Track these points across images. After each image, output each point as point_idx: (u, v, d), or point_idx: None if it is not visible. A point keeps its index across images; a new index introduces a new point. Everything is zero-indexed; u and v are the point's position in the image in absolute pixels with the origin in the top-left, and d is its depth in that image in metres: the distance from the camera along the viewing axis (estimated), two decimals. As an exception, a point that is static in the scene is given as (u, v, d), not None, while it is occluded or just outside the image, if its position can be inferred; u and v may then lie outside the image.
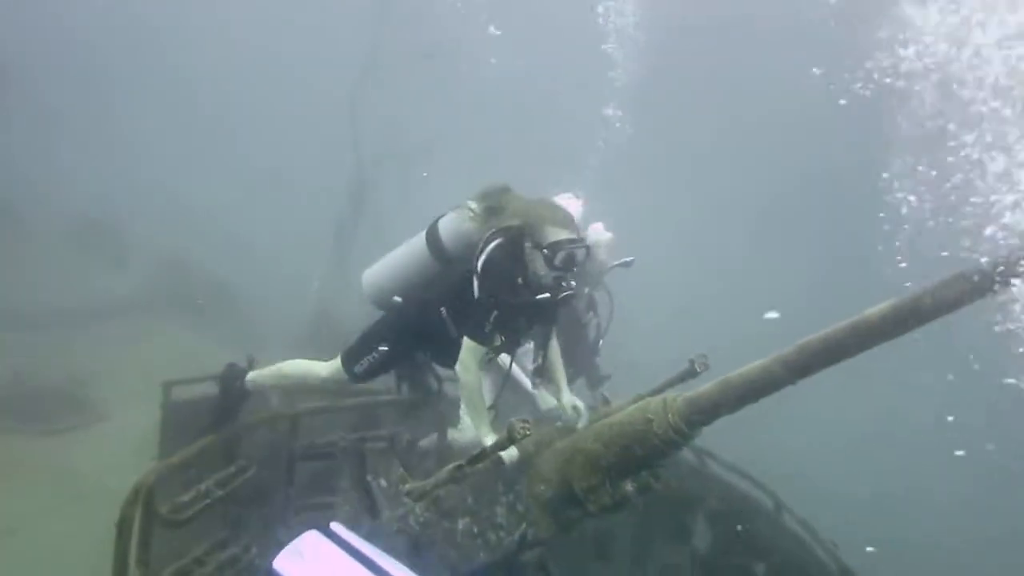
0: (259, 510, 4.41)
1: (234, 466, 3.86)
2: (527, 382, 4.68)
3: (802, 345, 2.37)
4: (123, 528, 3.07)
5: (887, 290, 2.34)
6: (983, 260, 2.12)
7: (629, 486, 2.80)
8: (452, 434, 4.73)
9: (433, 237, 3.95)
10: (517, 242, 3.64)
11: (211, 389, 5.45)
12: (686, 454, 4.96)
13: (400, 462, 3.50)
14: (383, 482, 3.50)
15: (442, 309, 3.88)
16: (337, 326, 13.21)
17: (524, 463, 3.04)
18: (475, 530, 3.10)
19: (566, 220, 3.64)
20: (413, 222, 4.37)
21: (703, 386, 2.62)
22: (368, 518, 3.49)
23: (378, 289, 4.19)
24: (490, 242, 3.63)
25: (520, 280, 3.62)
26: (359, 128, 14.86)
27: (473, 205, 3.84)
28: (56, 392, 9.61)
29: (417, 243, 4.03)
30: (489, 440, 3.17)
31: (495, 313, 3.56)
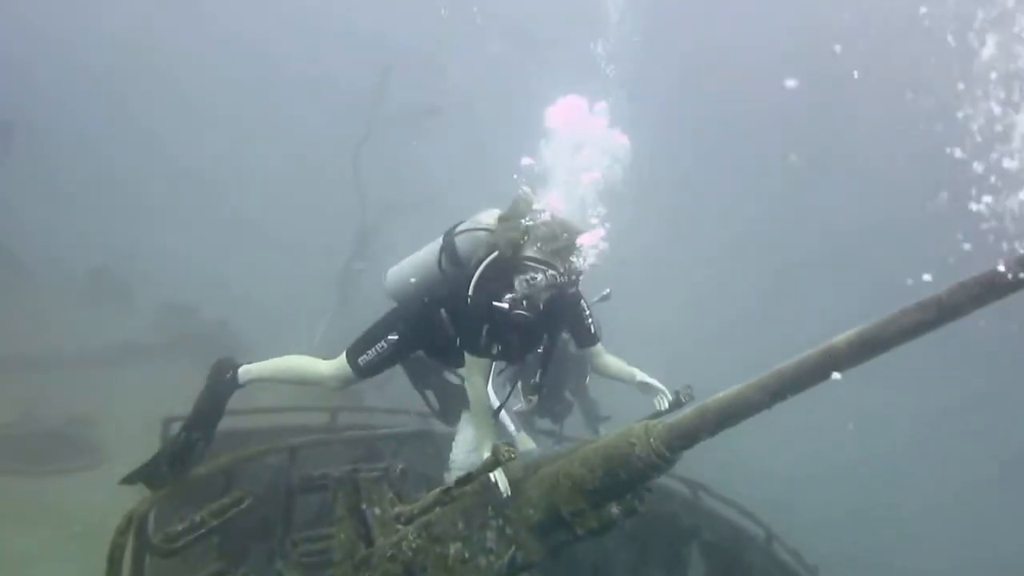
0: (256, 541, 4.44)
1: (229, 497, 3.91)
2: (511, 425, 4.79)
3: (776, 371, 2.48)
4: (113, 557, 3.11)
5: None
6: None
7: (615, 509, 2.87)
8: (446, 476, 4.73)
9: (448, 241, 4.10)
10: (501, 261, 3.78)
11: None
12: (680, 487, 5.00)
13: (393, 490, 3.55)
14: (377, 510, 3.55)
15: (441, 310, 4.02)
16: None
17: (513, 488, 3.09)
18: (466, 555, 3.14)
19: (549, 239, 3.76)
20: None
21: (683, 412, 2.72)
22: (362, 546, 3.54)
23: (397, 285, 4.33)
24: (483, 259, 3.79)
25: (498, 299, 3.72)
26: (364, 180, 15.15)
27: (485, 216, 4.03)
28: (61, 434, 9.66)
29: (435, 245, 4.18)
30: (484, 451, 3.24)
31: (486, 326, 3.70)
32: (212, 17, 32.52)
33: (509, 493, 3.04)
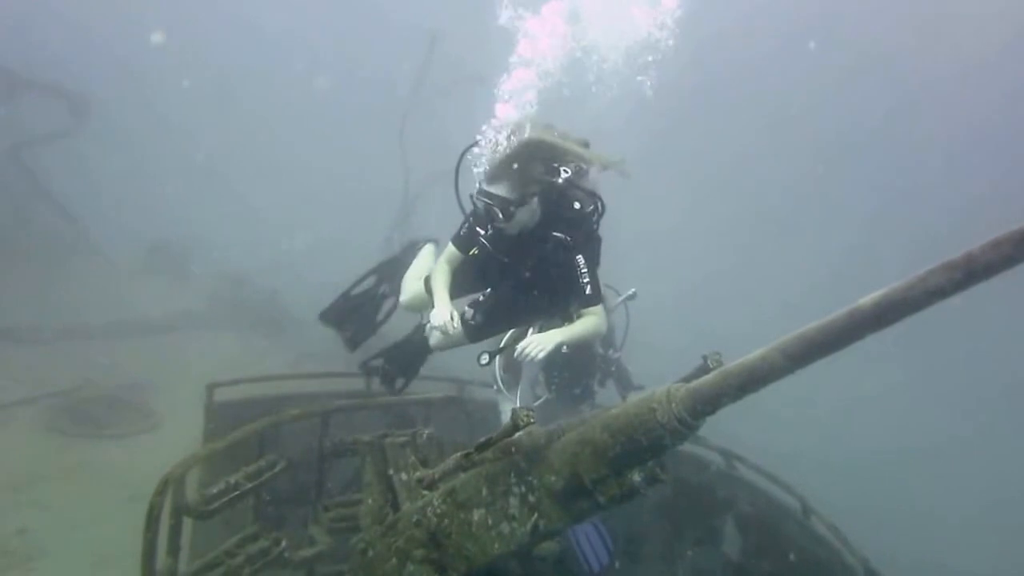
0: (291, 505, 4.50)
1: (264, 460, 3.96)
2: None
3: (801, 334, 2.34)
4: (151, 517, 3.17)
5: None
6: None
7: (637, 477, 2.78)
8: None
9: None
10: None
11: (253, 391, 5.64)
12: (715, 457, 4.89)
13: (419, 456, 3.53)
14: (403, 476, 3.54)
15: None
16: (380, 340, 13.51)
17: (536, 454, 3.04)
18: (489, 521, 3.11)
19: (510, 173, 3.93)
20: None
21: (706, 376, 2.61)
22: (390, 511, 3.54)
23: None
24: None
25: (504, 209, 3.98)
26: (408, 148, 15.13)
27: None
28: (118, 399, 10.00)
29: None
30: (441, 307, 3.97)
31: (468, 222, 4.22)
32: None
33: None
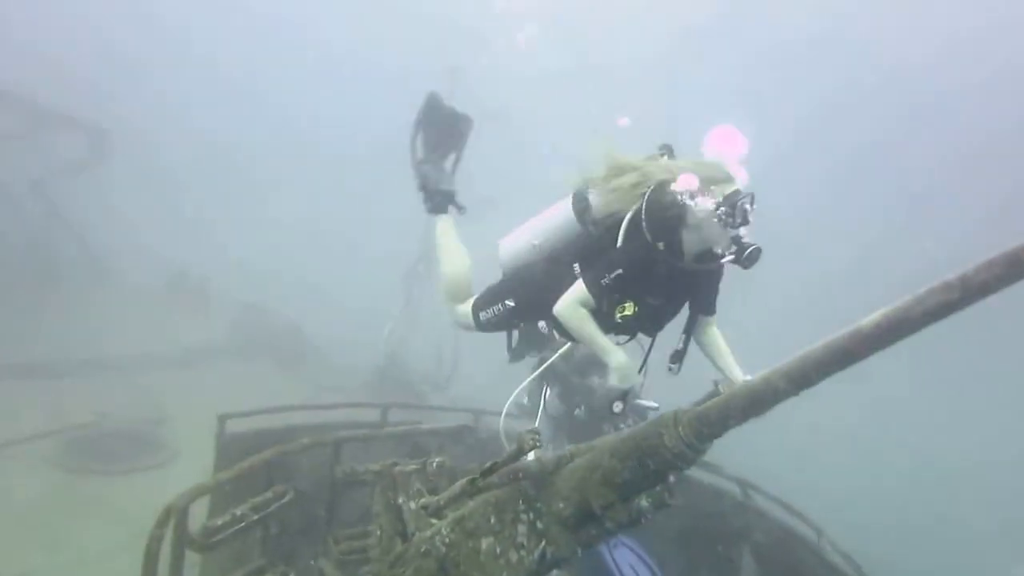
0: (302, 537, 4.49)
1: (271, 491, 3.96)
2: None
3: (803, 356, 2.36)
4: (151, 550, 3.17)
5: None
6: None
7: (644, 502, 2.77)
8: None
9: (580, 197, 3.86)
10: (674, 203, 3.46)
11: (266, 422, 5.66)
12: (730, 486, 4.84)
13: (428, 484, 3.52)
14: (412, 505, 3.53)
15: (575, 266, 3.75)
16: (403, 372, 13.56)
17: (544, 480, 3.02)
18: (498, 550, 3.08)
19: (728, 174, 3.49)
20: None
21: (712, 400, 2.61)
22: (399, 541, 3.52)
23: (513, 254, 4.13)
24: (649, 200, 3.48)
25: (665, 244, 3.45)
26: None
27: (612, 170, 3.73)
28: (134, 434, 10.03)
29: (562, 206, 3.95)
30: (616, 358, 3.06)
31: (618, 272, 3.41)
32: (291, 28, 33.58)
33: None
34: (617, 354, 3.19)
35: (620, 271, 3.40)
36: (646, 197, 3.48)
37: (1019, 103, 25.46)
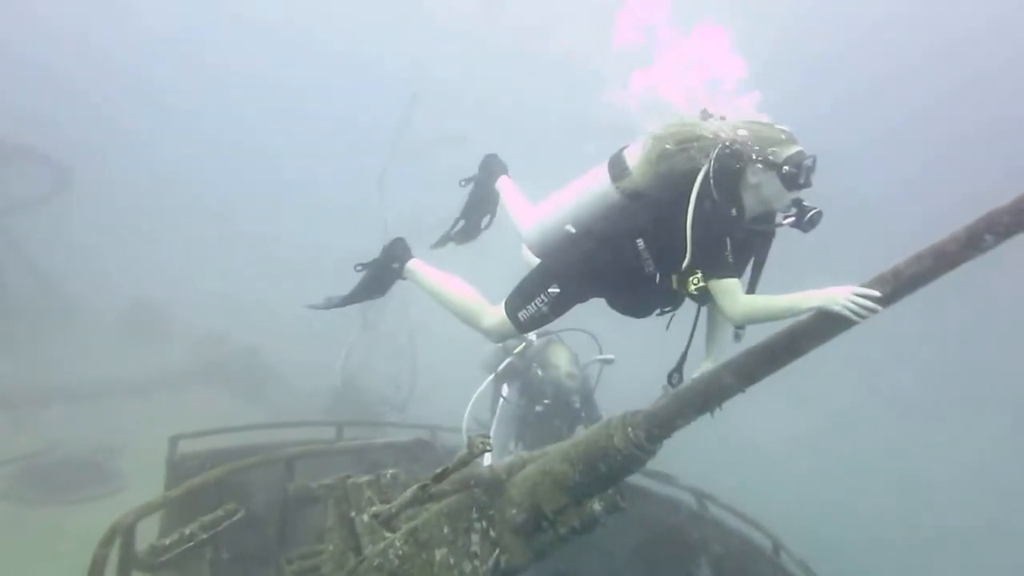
0: (254, 557, 4.34)
1: (222, 509, 3.82)
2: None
3: (747, 351, 2.41)
4: (94, 570, 3.03)
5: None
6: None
7: (596, 506, 2.73)
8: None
9: (618, 165, 3.55)
10: (740, 162, 3.24)
11: (220, 443, 5.48)
12: (687, 497, 4.82)
13: (382, 497, 3.43)
14: (366, 518, 3.43)
15: (638, 241, 3.46)
16: (361, 395, 13.37)
17: (497, 488, 2.96)
18: (451, 561, 3.00)
19: (791, 134, 3.29)
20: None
21: (661, 400, 2.59)
22: (352, 556, 3.41)
23: (543, 232, 3.81)
24: (715, 163, 3.22)
25: (738, 208, 3.22)
26: (387, 205, 15.28)
27: (663, 134, 3.43)
28: (86, 463, 9.69)
29: (597, 177, 3.64)
30: (819, 301, 2.53)
31: (729, 240, 3.13)
32: (240, 50, 33.46)
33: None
34: (816, 295, 2.62)
35: (728, 239, 3.13)
36: (714, 157, 3.23)
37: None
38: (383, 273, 4.13)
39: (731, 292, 3.09)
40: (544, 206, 3.83)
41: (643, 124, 3.55)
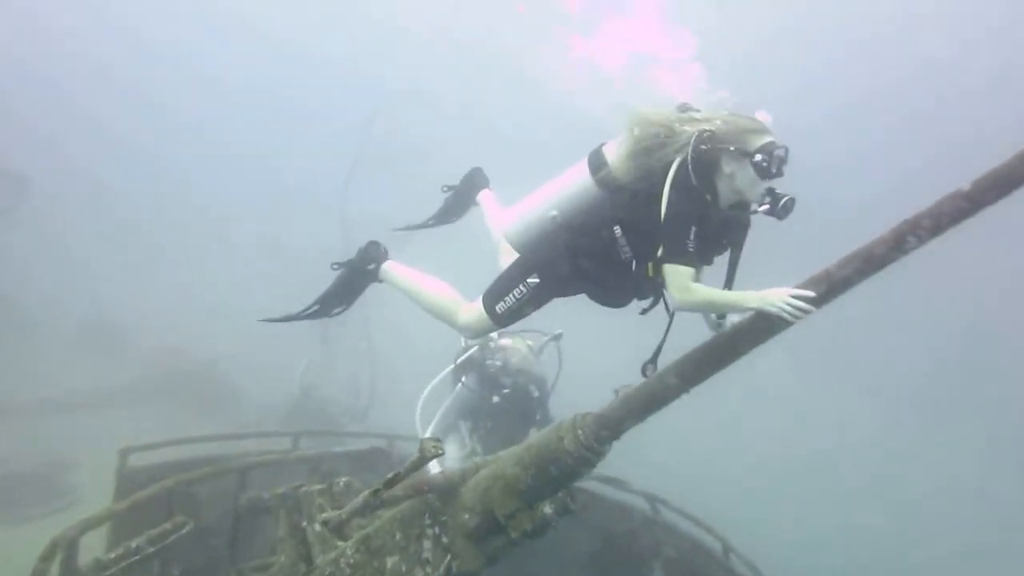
0: (204, 571, 4.24)
1: (170, 522, 3.73)
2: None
3: (689, 355, 2.48)
4: None
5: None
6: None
7: (548, 509, 2.74)
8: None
9: (598, 161, 3.59)
10: (714, 152, 3.28)
11: (172, 455, 5.35)
12: (640, 502, 4.85)
13: (335, 506, 3.38)
14: (318, 527, 3.38)
15: (616, 228, 3.48)
16: (321, 405, 13.22)
17: (450, 493, 2.95)
18: (403, 568, 2.97)
19: (764, 125, 3.33)
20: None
21: (610, 402, 2.62)
22: (303, 566, 3.36)
23: (525, 225, 3.78)
24: (692, 151, 3.26)
25: (712, 195, 3.28)
26: (348, 218, 15.21)
27: (645, 132, 3.44)
28: (37, 479, 9.41)
29: (577, 173, 3.65)
30: (757, 302, 2.60)
31: (694, 229, 3.15)
32: (205, 59, 32.96)
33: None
34: (754, 297, 2.71)
35: (695, 228, 3.16)
36: (691, 147, 3.28)
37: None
38: (357, 276, 4.07)
39: (681, 277, 3.11)
40: (525, 202, 3.84)
41: (621, 120, 3.57)
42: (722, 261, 3.51)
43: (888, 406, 24.90)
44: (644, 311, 3.59)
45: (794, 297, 2.41)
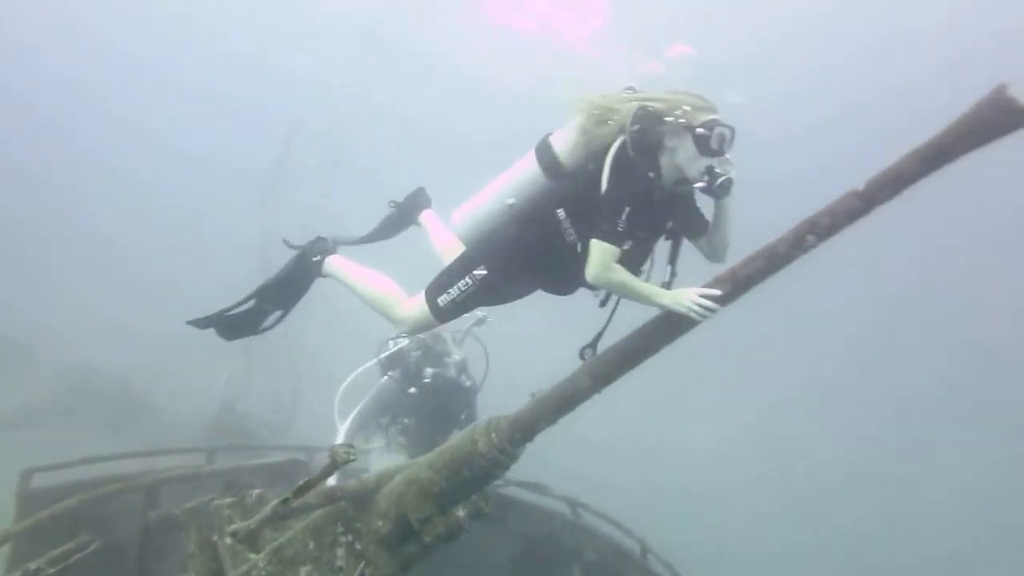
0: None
1: (74, 541, 3.55)
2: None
3: (601, 356, 2.54)
4: None
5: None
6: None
7: (461, 512, 2.73)
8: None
9: (545, 151, 3.55)
10: (655, 127, 3.25)
11: (81, 476, 5.08)
12: (561, 506, 4.89)
13: (246, 518, 3.28)
14: (228, 541, 3.27)
15: (559, 211, 3.43)
16: (242, 421, 12.84)
17: (364, 500, 2.90)
18: (316, 578, 2.92)
19: (709, 102, 3.31)
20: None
21: (524, 405, 2.64)
22: (215, 580, 3.25)
23: (477, 220, 3.71)
24: (632, 125, 3.24)
25: (655, 172, 3.24)
26: (268, 230, 14.87)
27: (587, 115, 3.43)
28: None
29: (524, 163, 3.61)
30: (667, 300, 2.64)
31: (628, 210, 3.10)
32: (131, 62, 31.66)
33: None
34: (665, 294, 2.75)
35: (629, 209, 3.12)
36: (631, 124, 3.27)
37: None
38: (302, 268, 3.94)
39: (604, 254, 3.10)
40: (474, 198, 3.76)
41: (566, 107, 3.55)
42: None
43: (777, 403, 25.65)
44: (603, 303, 3.50)
45: (701, 296, 2.49)
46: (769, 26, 24.74)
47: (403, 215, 4.32)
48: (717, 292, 2.45)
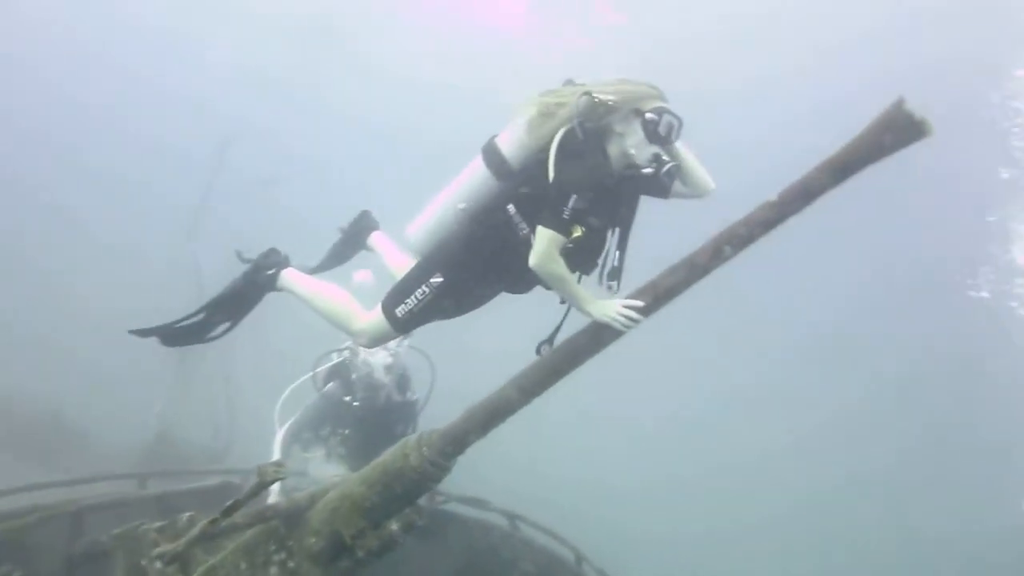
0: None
1: (-6, 573, 3.43)
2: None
3: (528, 369, 2.63)
4: None
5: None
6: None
7: (394, 526, 2.75)
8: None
9: (492, 152, 3.50)
10: (604, 115, 3.25)
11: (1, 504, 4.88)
12: (499, 519, 4.94)
13: (174, 540, 3.22)
14: (158, 564, 3.21)
15: (509, 207, 3.40)
16: (177, 448, 12.44)
17: (296, 518, 2.90)
18: (249, 598, 2.89)
19: (658, 90, 3.33)
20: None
21: (455, 418, 2.68)
22: (144, 607, 3.17)
23: (432, 229, 3.64)
24: (578, 112, 3.22)
25: (605, 158, 3.24)
26: (199, 251, 14.59)
27: (532, 108, 3.39)
28: None
29: (473, 166, 3.55)
30: (594, 310, 2.68)
31: (574, 198, 3.07)
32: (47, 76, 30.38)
33: None
34: (593, 303, 2.79)
35: (575, 196, 3.09)
36: (578, 106, 3.26)
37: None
38: (254, 282, 3.84)
39: (548, 242, 3.11)
40: (426, 210, 3.71)
41: (513, 107, 3.56)
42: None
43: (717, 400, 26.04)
44: (563, 299, 3.42)
45: (626, 307, 2.58)
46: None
47: (350, 240, 4.29)
48: (640, 304, 2.55)
